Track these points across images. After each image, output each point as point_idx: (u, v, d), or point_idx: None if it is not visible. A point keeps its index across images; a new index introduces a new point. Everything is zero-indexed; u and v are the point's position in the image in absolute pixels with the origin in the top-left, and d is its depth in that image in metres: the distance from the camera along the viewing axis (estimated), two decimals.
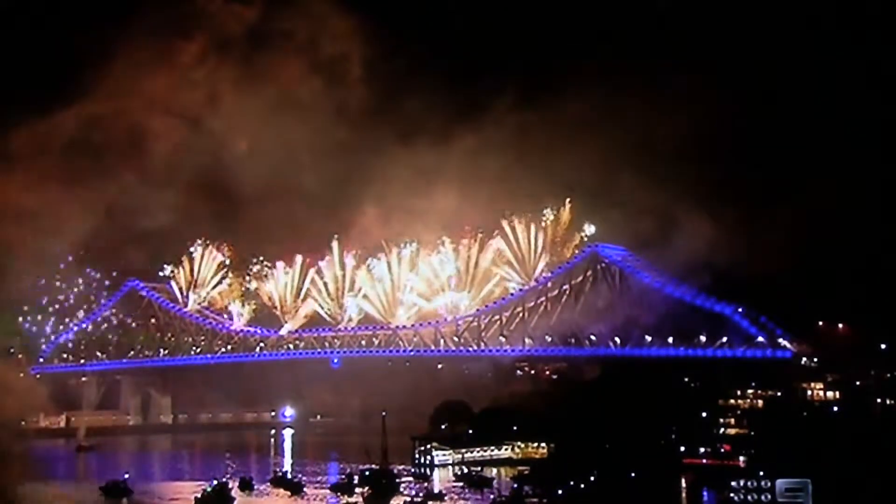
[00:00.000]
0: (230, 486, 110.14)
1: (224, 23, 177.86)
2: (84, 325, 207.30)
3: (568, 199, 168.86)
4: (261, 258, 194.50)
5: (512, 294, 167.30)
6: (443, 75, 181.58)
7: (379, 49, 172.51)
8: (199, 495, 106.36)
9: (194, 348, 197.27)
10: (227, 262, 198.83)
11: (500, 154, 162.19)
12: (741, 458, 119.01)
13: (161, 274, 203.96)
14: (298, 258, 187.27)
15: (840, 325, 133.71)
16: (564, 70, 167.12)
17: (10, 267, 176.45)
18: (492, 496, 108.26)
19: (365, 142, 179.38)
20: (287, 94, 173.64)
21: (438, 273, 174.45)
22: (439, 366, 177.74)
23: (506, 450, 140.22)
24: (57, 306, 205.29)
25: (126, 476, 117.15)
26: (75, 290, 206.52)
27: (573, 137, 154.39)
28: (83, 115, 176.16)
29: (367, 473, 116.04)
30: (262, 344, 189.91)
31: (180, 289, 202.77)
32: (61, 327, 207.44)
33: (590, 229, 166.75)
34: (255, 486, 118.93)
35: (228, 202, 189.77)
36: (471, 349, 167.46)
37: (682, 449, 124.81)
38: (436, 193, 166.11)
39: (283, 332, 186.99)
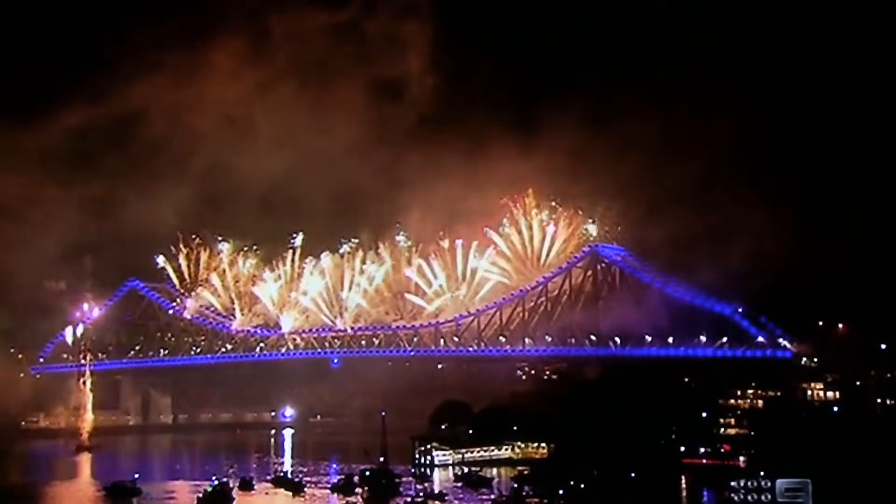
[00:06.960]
0: (230, 485, 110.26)
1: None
2: (84, 325, 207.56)
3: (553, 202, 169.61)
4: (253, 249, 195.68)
5: (512, 294, 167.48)
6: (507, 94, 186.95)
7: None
8: (199, 495, 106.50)
9: (194, 348, 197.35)
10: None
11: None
12: (741, 458, 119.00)
13: (158, 266, 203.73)
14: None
15: (840, 325, 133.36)
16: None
17: (10, 266, 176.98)
18: (492, 496, 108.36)
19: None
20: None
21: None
22: (440, 366, 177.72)
23: (506, 450, 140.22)
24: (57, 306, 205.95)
25: (136, 476, 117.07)
26: (75, 289, 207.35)
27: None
28: (92, 113, 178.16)
29: (367, 473, 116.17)
30: (262, 344, 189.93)
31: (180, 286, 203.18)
32: (61, 327, 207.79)
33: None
34: (255, 486, 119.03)
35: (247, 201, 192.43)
36: (470, 349, 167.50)
37: (682, 449, 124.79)
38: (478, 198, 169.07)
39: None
